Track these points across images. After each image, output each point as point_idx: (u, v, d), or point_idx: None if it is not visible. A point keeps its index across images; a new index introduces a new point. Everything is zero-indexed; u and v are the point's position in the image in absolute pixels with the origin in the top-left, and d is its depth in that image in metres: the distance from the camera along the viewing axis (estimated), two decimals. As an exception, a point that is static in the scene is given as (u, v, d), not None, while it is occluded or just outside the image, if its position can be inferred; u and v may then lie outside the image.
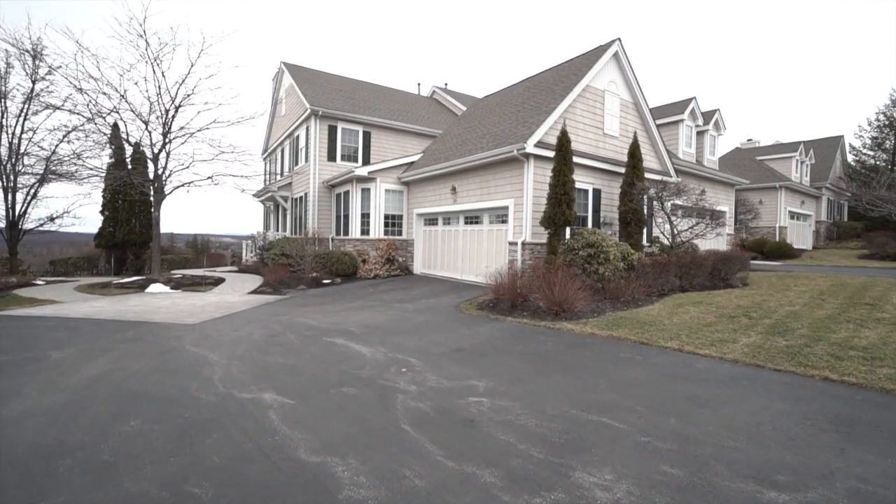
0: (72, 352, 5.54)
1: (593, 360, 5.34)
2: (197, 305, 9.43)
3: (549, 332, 6.79)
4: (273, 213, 22.43)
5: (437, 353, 5.66)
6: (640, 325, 6.83)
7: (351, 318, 8.13)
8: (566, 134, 9.63)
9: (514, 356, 5.54)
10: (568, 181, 9.49)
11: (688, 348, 5.62)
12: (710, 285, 10.01)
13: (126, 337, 6.43)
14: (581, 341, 6.21)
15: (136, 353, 5.52)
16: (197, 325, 7.33)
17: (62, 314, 8.23)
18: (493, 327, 7.21)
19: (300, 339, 6.35)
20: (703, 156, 16.91)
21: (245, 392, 4.20)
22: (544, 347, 5.95)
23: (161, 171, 13.40)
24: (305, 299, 10.61)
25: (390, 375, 4.75)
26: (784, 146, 25.35)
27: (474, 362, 5.28)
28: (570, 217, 9.49)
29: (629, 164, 11.55)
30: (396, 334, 6.73)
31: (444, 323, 7.69)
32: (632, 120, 13.11)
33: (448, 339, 6.46)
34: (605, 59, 11.92)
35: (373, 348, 5.86)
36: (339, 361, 5.27)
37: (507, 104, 14.08)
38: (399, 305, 9.41)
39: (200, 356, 5.43)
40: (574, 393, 4.23)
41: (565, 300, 7.78)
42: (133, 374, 4.74)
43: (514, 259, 10.49)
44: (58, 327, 7.06)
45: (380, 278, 13.78)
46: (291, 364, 5.14)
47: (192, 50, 14.97)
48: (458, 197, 12.69)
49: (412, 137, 18.64)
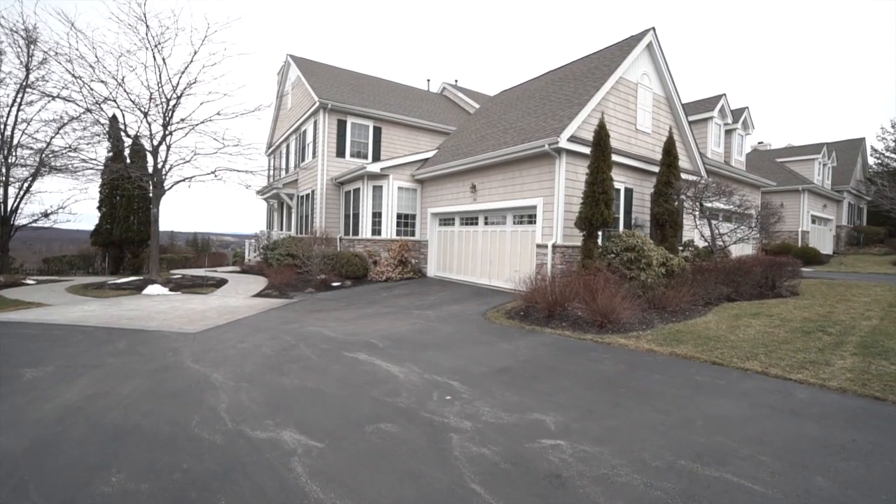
0: (51, 369, 4.69)
1: (668, 385, 4.50)
2: (197, 310, 8.59)
3: (599, 348, 5.95)
4: (277, 211, 21.59)
5: (480, 374, 4.82)
6: (702, 340, 6.00)
7: (369, 327, 7.30)
8: (604, 127, 8.80)
9: (572, 379, 4.70)
10: (606, 179, 8.66)
11: (774, 371, 4.78)
12: (756, 294, 9.17)
13: (117, 349, 5.58)
14: (641, 360, 5.38)
15: (126, 371, 4.68)
16: (198, 335, 6.49)
17: (47, 320, 7.38)
18: (534, 341, 6.37)
19: (317, 354, 5.50)
20: (731, 156, 16.10)
21: (259, 429, 3.36)
22: (602, 367, 5.11)
23: (161, 165, 12.56)
24: (315, 304, 9.77)
25: (433, 405, 3.91)
26: (806, 148, 24.55)
27: (528, 387, 4.45)
28: (609, 218, 8.66)
29: (664, 161, 10.74)
30: (426, 348, 5.89)
31: (475, 335, 6.85)
32: (664, 116, 12.30)
33: (487, 355, 5.63)
34: (638, 49, 11.11)
35: (403, 367, 5.02)
36: (368, 385, 4.43)
37: (530, 98, 13.26)
38: (419, 313, 8.57)
39: (202, 376, 4.58)
40: (668, 432, 3.39)
41: (611, 310, 6.95)
42: (121, 400, 3.90)
43: (543, 263, 9.66)
44: (39, 336, 6.20)
45: (392, 281, 12.93)
46: (312, 388, 4.29)
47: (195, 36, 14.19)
48: (477, 195, 11.85)
49: (424, 134, 17.82)
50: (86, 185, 17.66)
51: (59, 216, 19.03)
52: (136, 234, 20.19)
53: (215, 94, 12.31)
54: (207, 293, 11.09)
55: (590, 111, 9.95)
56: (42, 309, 8.39)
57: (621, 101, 10.98)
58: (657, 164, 11.42)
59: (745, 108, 16.21)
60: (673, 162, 10.71)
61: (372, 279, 13.00)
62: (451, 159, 12.79)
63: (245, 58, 16.55)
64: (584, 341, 6.36)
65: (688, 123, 12.66)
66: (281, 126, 21.67)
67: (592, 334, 6.64)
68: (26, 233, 19.55)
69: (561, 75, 13.25)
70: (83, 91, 11.25)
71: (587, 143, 9.63)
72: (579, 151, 9.57)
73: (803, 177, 22.49)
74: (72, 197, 20.40)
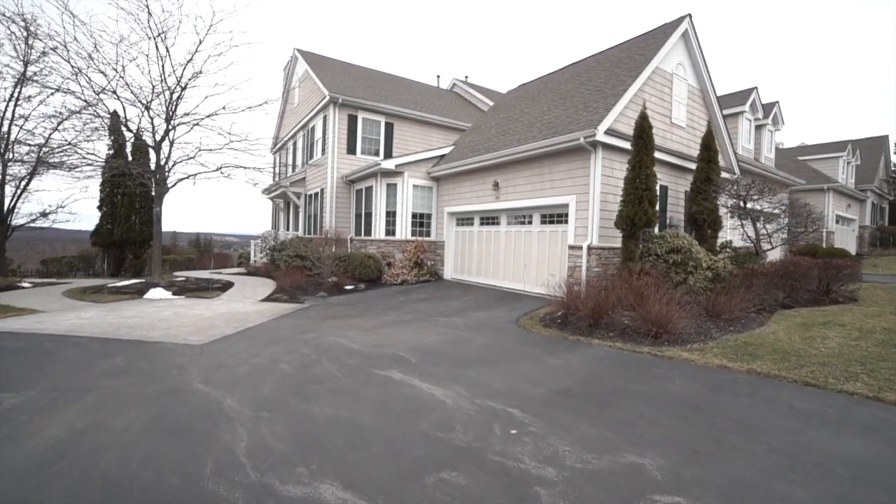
0: (34, 393, 3.97)
1: (768, 413, 3.77)
2: (203, 317, 7.88)
3: (662, 364, 5.22)
4: (283, 210, 20.89)
5: (538, 399, 4.10)
6: (779, 355, 5.26)
7: (394, 336, 6.57)
8: (646, 119, 8.08)
9: (649, 404, 3.97)
10: (650, 174, 7.94)
11: (891, 397, 4.03)
12: (810, 300, 8.41)
13: (113, 366, 4.86)
14: (717, 379, 4.64)
15: (123, 397, 3.96)
16: (205, 347, 5.77)
17: (38, 329, 6.67)
18: (585, 355, 5.63)
19: (344, 372, 4.78)
20: (761, 153, 15.35)
21: (291, 481, 2.63)
22: (677, 389, 4.38)
23: (164, 161, 11.88)
24: (329, 309, 9.05)
25: (499, 443, 3.18)
26: (830, 146, 23.77)
27: (602, 415, 3.72)
28: (653, 217, 7.93)
29: (703, 157, 10.01)
30: (466, 365, 5.16)
31: (514, 346, 6.13)
32: (698, 109, 11.57)
33: (537, 373, 4.90)
34: (674, 37, 10.38)
35: (448, 389, 4.29)
36: (413, 414, 3.71)
37: (554, 91, 12.54)
38: (445, 320, 7.84)
39: (213, 401, 3.86)
40: (814, 486, 2.65)
41: (666, 319, 6.22)
42: (116, 438, 3.18)
43: (577, 266, 8.92)
44: (26, 350, 5.49)
45: (408, 284, 12.21)
46: (346, 419, 3.57)
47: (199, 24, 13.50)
48: (500, 193, 11.13)
49: (437, 130, 17.11)
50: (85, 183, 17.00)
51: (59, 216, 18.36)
52: (138, 234, 19.49)
53: (221, 86, 11.67)
54: (213, 297, 10.39)
55: (626, 102, 9.22)
56: (34, 316, 7.68)
57: (657, 93, 10.25)
58: (692, 160, 10.70)
59: (776, 103, 15.47)
60: (713, 157, 9.99)
61: (386, 282, 12.28)
62: (470, 155, 12.07)
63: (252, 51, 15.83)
64: (641, 355, 5.62)
65: (722, 118, 11.93)
66: (287, 122, 20.99)
67: (648, 346, 5.91)
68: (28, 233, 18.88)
69: (586, 67, 12.53)
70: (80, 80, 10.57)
71: (624, 137, 8.92)
72: (616, 145, 8.85)
73: (827, 175, 21.71)
74: (71, 196, 19.75)
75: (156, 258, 12.35)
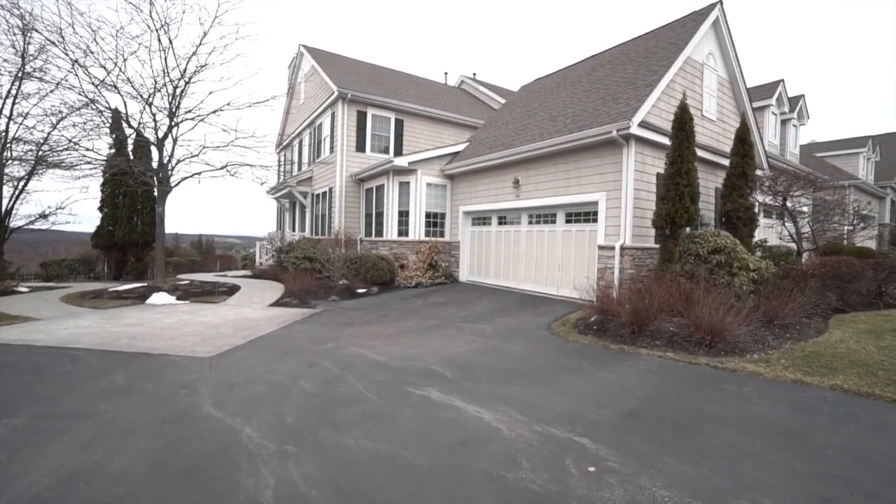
0: (19, 422, 3.40)
1: (884, 443, 3.19)
2: (210, 324, 7.32)
3: (728, 378, 4.64)
4: (289, 210, 20.35)
5: (606, 424, 3.52)
6: (860, 367, 4.68)
7: (420, 346, 6.01)
8: (687, 109, 7.51)
9: (735, 430, 3.39)
10: (692, 169, 7.38)
11: None
12: (862, 302, 7.82)
13: (112, 385, 4.29)
14: (802, 398, 4.06)
15: (123, 426, 3.39)
16: (215, 360, 5.21)
17: (31, 340, 6.11)
18: (637, 368, 5.06)
19: (374, 391, 4.20)
20: (787, 148, 14.75)
21: (336, 548, 2.06)
22: (760, 410, 3.80)
23: (167, 159, 11.33)
24: (343, 315, 8.49)
25: (580, 486, 2.61)
26: (850, 141, 23.15)
27: (688, 445, 3.14)
28: (695, 215, 7.37)
29: (738, 151, 9.44)
30: (508, 380, 4.59)
31: (554, 357, 5.56)
32: (727, 101, 11.00)
33: (592, 389, 4.32)
34: (705, 26, 9.82)
35: (497, 412, 3.72)
36: (465, 446, 3.13)
37: (574, 84, 11.97)
38: (470, 327, 7.27)
39: (229, 431, 3.29)
40: None
41: (722, 326, 5.64)
42: (113, 484, 2.61)
43: (608, 267, 8.34)
44: (15, 366, 4.92)
45: (422, 287, 11.64)
46: (389, 454, 2.99)
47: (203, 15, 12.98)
48: (521, 191, 10.55)
49: (448, 127, 16.55)
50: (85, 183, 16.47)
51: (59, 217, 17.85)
52: (140, 235, 18.96)
53: (227, 80, 11.13)
54: (219, 302, 9.83)
55: (659, 94, 8.65)
56: (28, 325, 7.12)
57: (688, 84, 9.68)
58: (723, 156, 10.16)
59: (801, 97, 14.89)
60: (748, 151, 9.41)
61: (399, 285, 11.71)
62: (487, 152, 11.50)
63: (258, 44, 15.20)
64: (699, 367, 5.05)
65: (752, 111, 11.35)
66: (293, 120, 20.45)
67: (704, 357, 5.33)
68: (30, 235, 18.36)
69: (608, 59, 11.95)
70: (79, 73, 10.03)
71: (657, 130, 8.37)
72: (649, 139, 8.29)
73: (847, 172, 21.10)
74: (71, 196, 19.27)
75: (159, 261, 11.81)
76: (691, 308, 6.14)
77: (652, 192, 8.54)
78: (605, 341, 6.23)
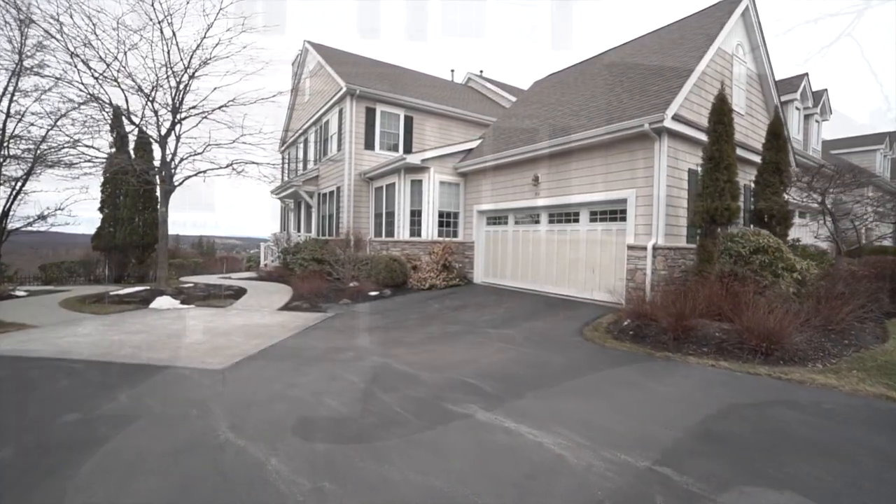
0: (7, 454, 2.91)
1: None
2: (219, 331, 6.85)
3: (797, 391, 4.18)
4: (294, 211, 19.89)
5: (683, 449, 3.06)
6: (945, 380, 4.21)
7: (449, 356, 5.54)
8: (725, 100, 7.07)
9: (836, 460, 2.93)
10: (732, 164, 6.92)
11: None
12: (909, 306, 7.37)
13: (115, 405, 3.82)
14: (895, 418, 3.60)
15: (129, 457, 2.92)
16: (227, 373, 4.74)
17: (26, 351, 5.64)
18: (691, 378, 4.59)
19: (411, 411, 3.73)
20: (809, 144, 14.30)
21: None
22: (855, 433, 3.33)
23: (170, 157, 10.87)
24: (358, 319, 8.04)
25: (688, 539, 2.14)
26: (866, 138, 22.70)
27: (792, 478, 2.67)
28: (736, 212, 6.90)
29: (771, 146, 9.00)
30: (556, 395, 4.12)
31: (598, 367, 5.10)
32: (755, 95, 10.55)
33: (652, 406, 3.85)
34: (735, 15, 9.39)
35: (555, 435, 3.25)
36: (532, 480, 2.67)
37: (595, 77, 11.51)
38: (496, 332, 6.80)
39: (252, 463, 2.82)
40: None
41: (779, 332, 5.17)
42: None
43: (639, 268, 7.88)
44: (7, 381, 4.44)
45: (437, 289, 11.17)
46: (445, 492, 2.52)
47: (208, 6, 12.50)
48: (540, 189, 10.09)
49: (458, 125, 16.10)
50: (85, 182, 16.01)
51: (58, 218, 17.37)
52: (142, 237, 18.47)
53: (232, 74, 10.63)
54: (226, 306, 9.37)
55: (691, 86, 8.19)
56: (23, 333, 6.64)
57: (717, 76, 9.22)
58: (753, 151, 9.71)
59: (825, 91, 14.42)
60: (782, 146, 8.98)
61: (412, 287, 11.24)
62: (503, 148, 11.04)
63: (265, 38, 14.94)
64: (760, 378, 4.59)
65: (781, 105, 10.89)
66: (298, 118, 20.00)
67: (762, 366, 4.88)
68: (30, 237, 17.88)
69: (629, 52, 11.50)
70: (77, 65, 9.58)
71: (690, 124, 7.94)
72: (682, 133, 7.84)
73: (865, 169, 20.63)
74: (70, 197, 18.65)
75: (161, 263, 11.35)
76: (740, 312, 5.69)
77: (684, 188, 8.08)
78: (646, 348, 5.77)
